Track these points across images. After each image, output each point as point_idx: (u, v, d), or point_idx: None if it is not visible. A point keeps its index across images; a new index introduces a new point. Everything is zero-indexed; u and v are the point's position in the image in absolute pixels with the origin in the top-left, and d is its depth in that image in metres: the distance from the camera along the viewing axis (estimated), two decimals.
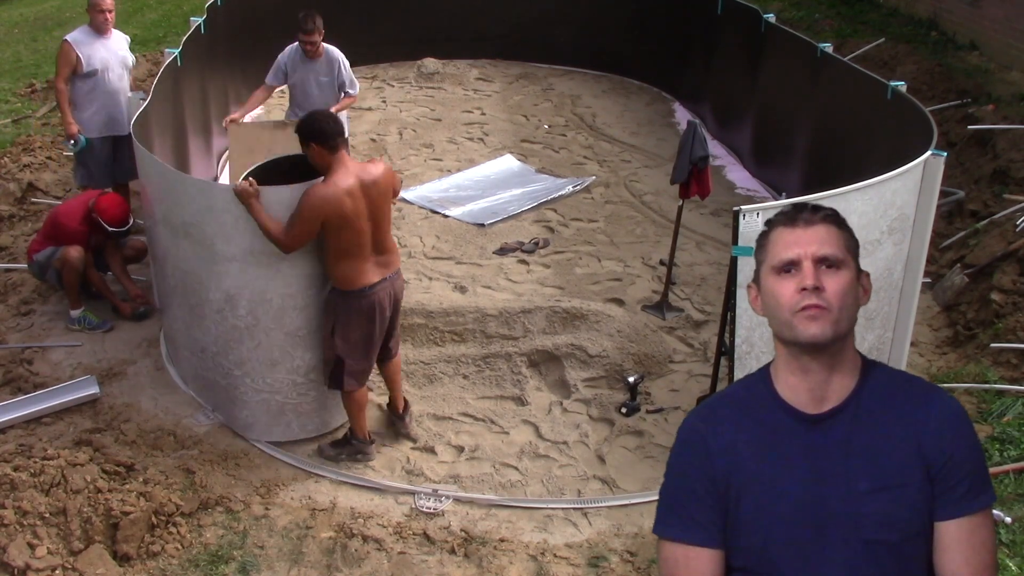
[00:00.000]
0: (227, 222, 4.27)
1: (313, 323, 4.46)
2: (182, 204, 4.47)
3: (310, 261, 4.36)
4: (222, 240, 4.32)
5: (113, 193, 5.88)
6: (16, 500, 3.79)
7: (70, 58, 6.10)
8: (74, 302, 5.58)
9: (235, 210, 4.20)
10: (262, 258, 4.29)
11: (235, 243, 4.31)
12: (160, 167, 4.68)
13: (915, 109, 5.33)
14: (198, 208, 4.37)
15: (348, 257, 4.21)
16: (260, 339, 4.47)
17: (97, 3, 6.20)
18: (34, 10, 14.75)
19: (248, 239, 4.26)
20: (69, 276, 5.47)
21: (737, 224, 3.87)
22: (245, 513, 4.19)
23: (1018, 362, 5.29)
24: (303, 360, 4.54)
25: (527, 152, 8.52)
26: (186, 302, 4.69)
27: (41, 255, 5.56)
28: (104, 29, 6.26)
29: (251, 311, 4.42)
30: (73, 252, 5.43)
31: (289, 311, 4.42)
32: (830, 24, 12.11)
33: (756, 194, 7.75)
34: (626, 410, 5.00)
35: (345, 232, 4.14)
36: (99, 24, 6.23)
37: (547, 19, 10.87)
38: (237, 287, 4.40)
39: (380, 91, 10.14)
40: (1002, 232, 6.28)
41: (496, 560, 3.99)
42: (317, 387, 4.61)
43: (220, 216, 4.27)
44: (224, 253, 4.35)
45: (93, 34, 6.23)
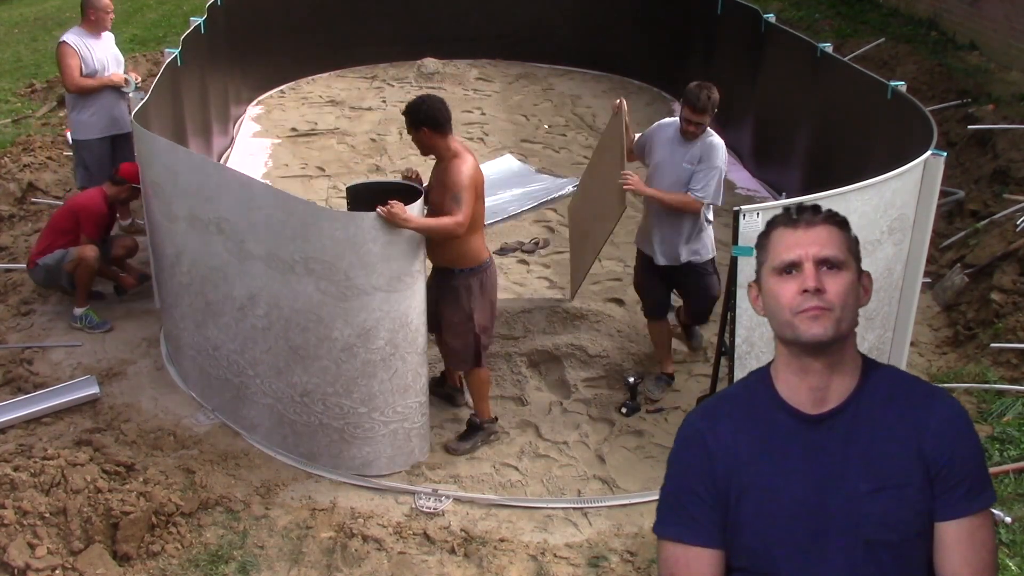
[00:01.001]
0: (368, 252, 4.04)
1: None
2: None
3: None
4: (363, 272, 4.10)
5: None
6: (16, 500, 3.79)
7: (75, 58, 6.08)
8: (81, 300, 5.59)
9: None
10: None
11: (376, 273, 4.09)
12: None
13: (915, 109, 5.33)
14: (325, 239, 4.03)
15: (475, 230, 4.36)
16: (397, 367, 4.30)
17: (105, 3, 6.20)
18: (34, 10, 14.75)
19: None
20: (84, 275, 5.49)
21: (737, 224, 3.87)
22: (245, 513, 4.19)
23: (1018, 362, 5.29)
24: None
25: (527, 152, 8.52)
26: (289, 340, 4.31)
27: (50, 258, 5.54)
28: (103, 28, 6.26)
29: (390, 340, 4.21)
30: (90, 252, 5.47)
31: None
32: (830, 24, 12.10)
33: (756, 194, 7.75)
34: (626, 410, 5.00)
35: (480, 203, 4.34)
36: (101, 23, 6.22)
37: (547, 19, 10.87)
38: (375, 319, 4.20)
39: (380, 91, 10.14)
40: (1002, 232, 6.28)
41: (496, 560, 3.99)
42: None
43: (363, 246, 4.03)
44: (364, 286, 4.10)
45: (88, 34, 6.21)
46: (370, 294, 4.12)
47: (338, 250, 4.05)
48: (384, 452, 4.47)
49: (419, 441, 4.57)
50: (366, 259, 4.06)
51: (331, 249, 4.06)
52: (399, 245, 4.09)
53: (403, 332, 4.24)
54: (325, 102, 9.68)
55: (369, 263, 4.07)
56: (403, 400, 4.38)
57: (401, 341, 4.26)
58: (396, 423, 4.41)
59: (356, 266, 4.07)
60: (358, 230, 4.03)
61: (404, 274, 4.15)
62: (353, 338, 4.19)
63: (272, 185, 4.72)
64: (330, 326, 4.19)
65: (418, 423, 4.51)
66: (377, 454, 4.46)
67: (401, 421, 4.42)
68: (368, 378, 4.28)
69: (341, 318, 4.17)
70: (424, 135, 4.27)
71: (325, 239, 4.06)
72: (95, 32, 6.23)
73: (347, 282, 4.09)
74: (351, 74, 10.61)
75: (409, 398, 4.40)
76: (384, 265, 4.09)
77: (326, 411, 4.38)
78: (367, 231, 4.03)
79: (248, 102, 9.48)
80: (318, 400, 4.37)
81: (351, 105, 9.59)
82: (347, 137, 8.73)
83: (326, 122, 9.10)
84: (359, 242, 4.04)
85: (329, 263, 4.08)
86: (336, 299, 4.13)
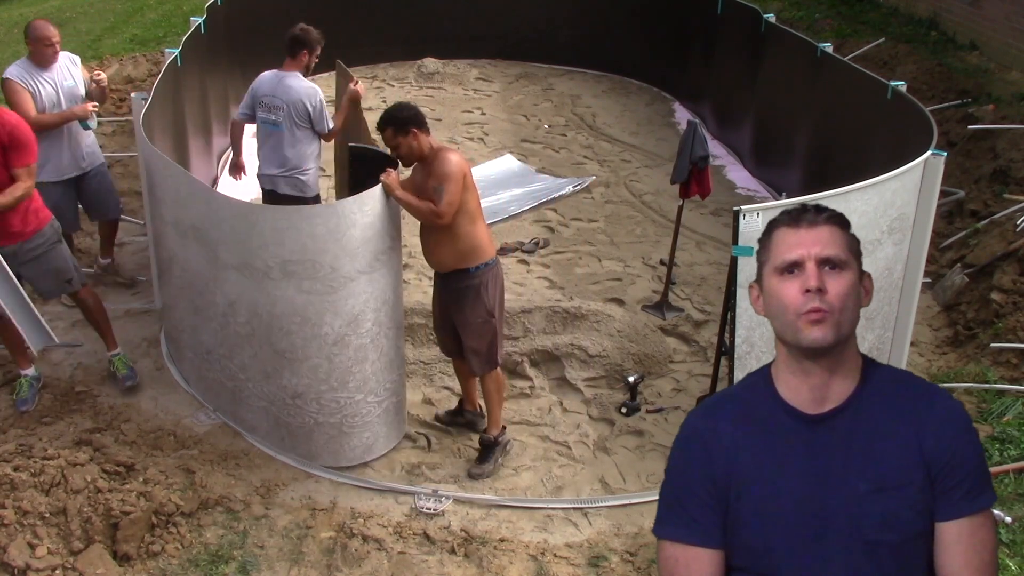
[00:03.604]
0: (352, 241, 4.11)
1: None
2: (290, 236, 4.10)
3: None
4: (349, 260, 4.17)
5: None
6: (16, 500, 3.79)
7: (25, 94, 5.27)
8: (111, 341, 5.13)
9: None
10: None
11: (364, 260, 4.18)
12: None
13: (915, 109, 5.33)
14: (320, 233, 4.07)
15: (478, 219, 4.32)
16: (383, 345, 4.42)
17: (44, 35, 5.34)
18: (34, 10, 14.74)
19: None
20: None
21: (737, 224, 3.86)
22: (245, 513, 4.19)
23: (1018, 362, 5.29)
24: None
25: (527, 152, 8.52)
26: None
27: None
28: (48, 63, 5.40)
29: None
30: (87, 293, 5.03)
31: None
32: (830, 24, 12.10)
33: (756, 194, 7.75)
34: (626, 410, 5.00)
35: (472, 193, 4.29)
36: (46, 58, 5.38)
37: (547, 19, 10.88)
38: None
39: (380, 91, 10.14)
40: (1002, 232, 6.28)
41: (496, 560, 3.99)
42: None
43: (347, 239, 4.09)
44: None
45: (34, 68, 5.37)
46: (355, 279, 4.16)
47: (320, 245, 4.05)
48: (380, 432, 4.56)
49: (402, 412, 4.72)
50: (348, 246, 4.10)
51: (312, 246, 4.05)
52: (375, 225, 4.15)
53: (385, 309, 4.33)
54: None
55: (351, 249, 4.11)
56: (390, 375, 4.49)
57: (384, 318, 4.34)
58: (387, 399, 4.51)
59: (340, 256, 4.09)
60: (340, 220, 4.06)
61: (380, 252, 4.22)
62: (343, 328, 4.22)
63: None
64: (318, 324, 4.19)
65: (400, 395, 4.65)
66: (375, 436, 4.54)
67: (391, 396, 4.53)
68: (361, 363, 4.33)
69: (330, 311, 4.18)
70: (413, 136, 4.23)
71: (304, 238, 4.04)
72: (43, 67, 5.39)
73: (333, 274, 4.11)
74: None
75: (395, 372, 4.52)
76: (364, 247, 4.14)
77: (321, 409, 4.38)
78: (347, 217, 4.06)
79: None
80: (311, 400, 4.37)
81: None
82: None
83: None
84: (341, 230, 4.07)
85: (311, 261, 4.07)
86: (322, 295, 4.14)
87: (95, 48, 11.36)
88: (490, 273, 4.38)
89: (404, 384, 4.71)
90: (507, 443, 4.66)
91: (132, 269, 6.27)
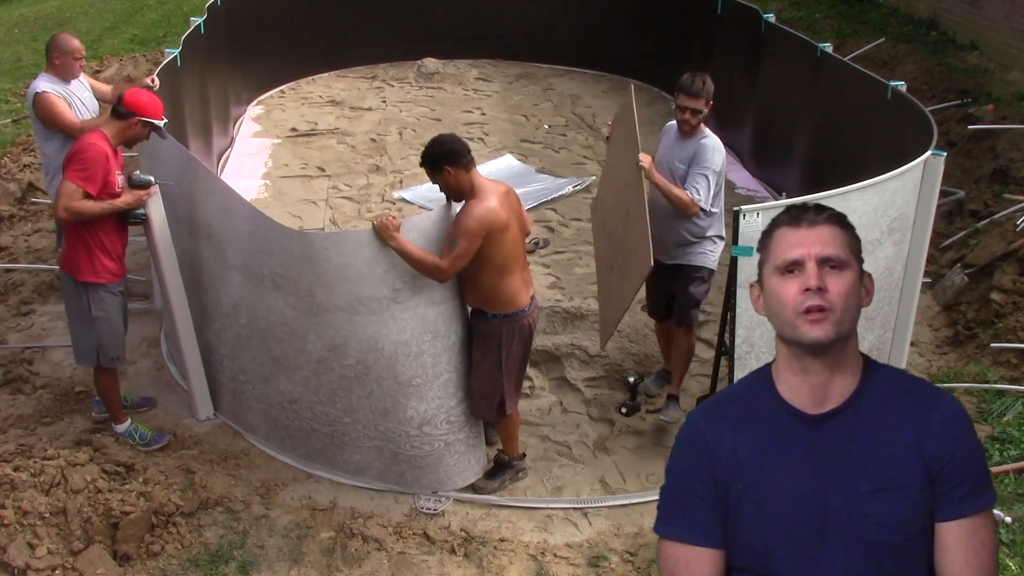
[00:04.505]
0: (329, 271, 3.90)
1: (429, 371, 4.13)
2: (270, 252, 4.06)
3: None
4: (323, 291, 3.98)
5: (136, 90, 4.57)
6: (16, 500, 3.79)
7: (64, 104, 5.18)
8: (118, 415, 4.65)
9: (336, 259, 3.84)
10: (372, 304, 3.96)
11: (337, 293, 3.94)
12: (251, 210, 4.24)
13: (915, 109, 5.33)
14: (294, 258, 3.97)
15: (506, 273, 4.03)
16: (372, 388, 4.15)
17: (74, 47, 5.31)
18: (34, 10, 14.75)
19: (354, 286, 3.93)
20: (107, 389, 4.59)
21: (737, 224, 3.86)
22: (245, 513, 4.19)
23: (1018, 362, 5.29)
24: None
25: (527, 152, 8.52)
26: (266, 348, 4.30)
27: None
28: (71, 76, 5.34)
29: (361, 360, 4.09)
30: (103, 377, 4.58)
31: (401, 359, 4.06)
32: (830, 24, 12.11)
33: (756, 194, 7.75)
34: (626, 410, 4.99)
35: (505, 243, 3.97)
36: (74, 71, 5.34)
37: (547, 19, 10.87)
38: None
39: (380, 91, 10.14)
40: (1002, 232, 6.28)
41: (496, 560, 3.99)
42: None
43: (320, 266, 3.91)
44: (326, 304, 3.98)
45: (60, 82, 5.28)
46: (333, 312, 4.02)
47: (298, 267, 4.00)
48: (373, 464, 4.38)
49: (413, 472, 4.34)
50: (323, 279, 3.96)
51: (292, 266, 4.02)
52: (355, 268, 3.90)
53: (373, 355, 4.06)
54: (325, 102, 9.69)
55: (327, 283, 3.97)
56: (384, 422, 4.22)
57: (373, 364, 4.08)
58: (380, 441, 4.29)
59: (316, 284, 3.99)
60: (309, 249, 3.95)
61: (367, 298, 3.95)
62: (325, 351, 4.13)
63: (256, 191, 4.67)
64: (303, 338, 4.16)
65: (409, 452, 4.27)
66: (368, 463, 4.39)
67: (385, 442, 4.28)
68: (346, 391, 4.21)
69: (312, 331, 4.11)
70: (448, 175, 3.93)
71: (286, 255, 4.03)
72: (67, 80, 5.31)
73: (311, 298, 4.02)
74: (351, 74, 10.62)
75: (390, 423, 4.21)
76: (342, 286, 3.94)
77: (314, 417, 4.38)
78: (318, 251, 3.92)
79: (248, 102, 9.49)
80: (306, 408, 4.36)
81: (351, 105, 9.59)
82: (347, 137, 8.74)
83: (326, 122, 9.10)
84: (314, 260, 3.94)
85: (293, 279, 4.04)
86: (305, 313, 4.08)
87: (95, 48, 11.37)
88: (509, 325, 4.12)
89: (414, 447, 4.26)
90: (521, 470, 4.55)
91: (132, 269, 6.26)
